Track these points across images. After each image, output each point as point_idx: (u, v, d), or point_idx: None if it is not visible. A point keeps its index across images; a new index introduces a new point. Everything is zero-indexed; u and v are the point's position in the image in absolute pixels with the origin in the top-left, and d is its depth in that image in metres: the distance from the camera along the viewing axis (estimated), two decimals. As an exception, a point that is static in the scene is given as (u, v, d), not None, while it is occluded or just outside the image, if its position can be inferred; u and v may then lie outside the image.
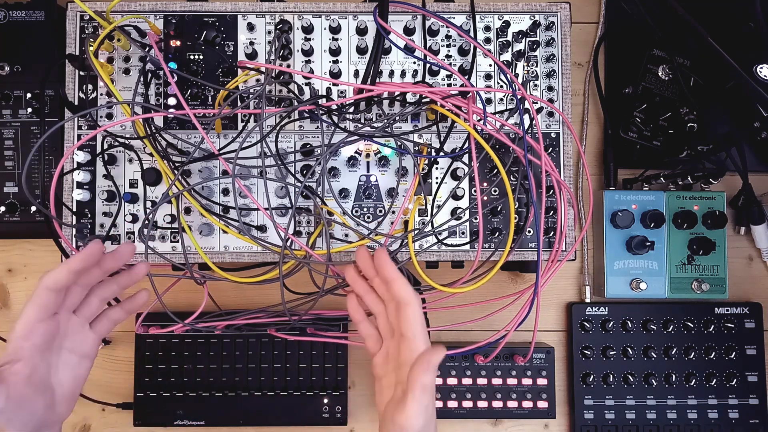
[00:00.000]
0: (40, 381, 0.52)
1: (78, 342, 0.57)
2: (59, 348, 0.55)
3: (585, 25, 0.87)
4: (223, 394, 0.78)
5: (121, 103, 0.62)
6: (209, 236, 0.65)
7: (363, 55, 0.66)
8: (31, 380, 0.51)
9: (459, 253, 0.66)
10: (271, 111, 0.61)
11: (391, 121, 0.64)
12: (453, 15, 0.66)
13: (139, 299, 0.61)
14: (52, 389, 0.54)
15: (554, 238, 0.66)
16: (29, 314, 0.52)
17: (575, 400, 0.81)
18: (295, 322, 0.69)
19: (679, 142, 0.81)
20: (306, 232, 0.65)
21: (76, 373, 0.56)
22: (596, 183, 0.86)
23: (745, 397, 0.81)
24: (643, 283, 0.79)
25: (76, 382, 0.56)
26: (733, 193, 0.84)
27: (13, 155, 0.76)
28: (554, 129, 0.67)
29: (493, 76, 0.67)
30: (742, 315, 0.82)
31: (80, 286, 0.55)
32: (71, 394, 0.56)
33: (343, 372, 0.79)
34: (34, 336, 0.52)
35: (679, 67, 0.80)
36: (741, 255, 0.86)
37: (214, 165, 0.65)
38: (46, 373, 0.54)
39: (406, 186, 0.65)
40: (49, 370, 0.54)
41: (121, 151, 0.65)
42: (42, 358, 0.53)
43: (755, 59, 0.68)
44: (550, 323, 0.85)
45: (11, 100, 0.76)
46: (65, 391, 0.55)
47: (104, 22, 0.60)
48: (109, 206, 0.65)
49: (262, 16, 0.66)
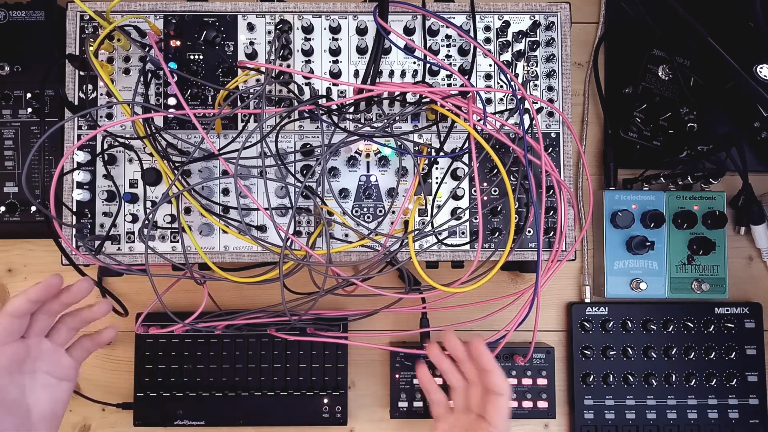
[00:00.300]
0: (10, 401, 0.56)
1: (54, 365, 0.60)
2: (34, 370, 0.59)
3: (585, 25, 0.87)
4: (223, 394, 0.78)
5: (121, 103, 0.62)
6: (209, 236, 0.65)
7: (363, 55, 0.66)
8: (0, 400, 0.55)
9: (459, 253, 0.66)
10: (271, 111, 0.61)
11: (391, 121, 0.64)
12: (453, 15, 0.66)
13: (105, 336, 0.65)
14: (27, 409, 0.57)
15: (554, 238, 0.66)
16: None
17: (575, 400, 0.81)
18: (295, 322, 0.69)
19: (679, 142, 0.81)
20: (306, 232, 0.65)
21: (55, 395, 0.60)
22: (596, 183, 0.86)
23: (745, 397, 0.81)
24: (643, 283, 0.79)
25: (55, 404, 0.60)
26: (733, 193, 0.84)
27: (13, 155, 0.76)
28: (554, 129, 0.68)
29: (493, 76, 0.67)
30: (742, 315, 0.82)
31: (44, 314, 0.59)
32: (51, 415, 0.59)
33: (343, 372, 0.79)
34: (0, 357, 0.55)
35: (679, 67, 0.80)
36: (741, 255, 0.86)
37: (214, 165, 0.65)
38: (19, 394, 0.57)
39: (406, 186, 0.65)
40: (23, 390, 0.57)
41: (121, 151, 0.65)
42: (11, 380, 0.56)
43: (755, 59, 0.68)
44: (550, 323, 0.85)
45: (11, 100, 0.76)
46: (43, 411, 0.58)
47: (104, 22, 0.60)
48: (109, 206, 0.65)
49: (262, 16, 0.66)
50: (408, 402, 0.79)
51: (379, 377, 0.83)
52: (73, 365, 0.62)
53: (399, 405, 0.79)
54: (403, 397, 0.79)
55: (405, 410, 0.79)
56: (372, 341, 0.81)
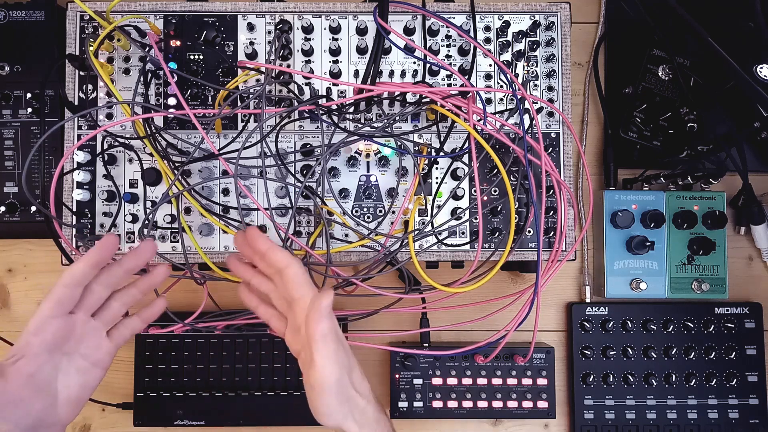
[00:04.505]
0: (42, 382, 0.51)
1: (92, 348, 0.55)
2: (72, 352, 0.53)
3: (585, 25, 0.87)
4: (223, 394, 0.78)
5: (121, 103, 0.62)
6: (209, 236, 0.65)
7: (363, 55, 0.66)
8: (33, 380, 0.50)
9: (459, 253, 0.66)
10: (271, 111, 0.61)
11: (391, 121, 0.64)
12: (453, 15, 0.66)
13: (157, 307, 0.60)
14: (55, 393, 0.52)
15: (554, 238, 0.66)
16: (43, 309, 0.50)
17: (575, 400, 0.81)
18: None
19: (679, 142, 0.81)
20: (306, 232, 0.65)
21: (86, 380, 0.55)
22: (596, 183, 0.86)
23: (745, 397, 0.80)
24: (643, 283, 0.79)
25: (84, 390, 0.55)
26: (733, 193, 0.84)
27: (13, 155, 0.76)
28: (554, 129, 0.67)
29: (493, 76, 0.67)
30: (742, 315, 0.82)
31: (101, 285, 0.54)
32: (77, 400, 0.54)
33: (343, 372, 0.79)
34: (44, 332, 0.50)
35: (679, 67, 0.80)
36: (741, 255, 0.86)
37: (214, 165, 0.65)
38: (51, 375, 0.52)
39: (406, 186, 0.65)
40: (56, 372, 0.52)
41: (121, 151, 0.65)
42: (49, 358, 0.51)
43: (755, 59, 0.68)
44: (550, 323, 0.85)
45: (11, 100, 0.76)
46: (71, 396, 0.53)
47: (104, 22, 0.60)
48: (109, 206, 0.65)
49: (262, 16, 0.66)
50: (408, 402, 0.79)
51: (379, 377, 0.83)
52: (111, 351, 0.57)
53: (399, 405, 0.79)
54: (403, 397, 0.79)
55: (405, 410, 0.79)
56: (372, 341, 0.81)
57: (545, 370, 0.79)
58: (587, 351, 0.81)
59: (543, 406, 0.79)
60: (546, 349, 0.80)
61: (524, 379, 0.79)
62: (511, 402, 0.79)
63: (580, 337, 0.82)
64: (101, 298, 0.55)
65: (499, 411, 0.79)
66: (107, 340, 0.56)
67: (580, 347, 0.81)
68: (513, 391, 0.79)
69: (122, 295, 0.57)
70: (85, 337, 0.54)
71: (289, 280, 0.53)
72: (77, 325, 0.53)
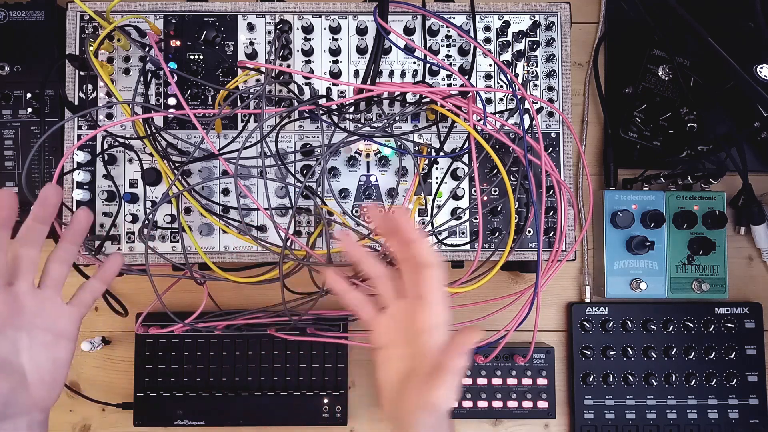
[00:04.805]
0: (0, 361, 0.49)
1: (52, 318, 0.52)
2: (30, 326, 0.51)
3: (585, 25, 0.87)
4: (223, 394, 0.78)
5: (121, 103, 0.62)
6: (209, 236, 0.65)
7: (363, 55, 0.66)
8: None
9: (459, 253, 0.66)
10: (271, 111, 0.61)
11: (391, 121, 0.64)
12: (453, 15, 0.66)
13: (113, 264, 0.57)
14: (22, 371, 0.50)
15: (554, 238, 0.66)
16: None
17: (575, 400, 0.81)
18: (295, 322, 0.69)
19: (679, 142, 0.81)
20: (306, 232, 0.65)
21: (55, 354, 0.52)
22: (596, 183, 0.86)
23: (745, 397, 0.80)
24: (643, 283, 0.79)
25: (56, 366, 0.52)
26: (733, 193, 0.84)
27: (13, 155, 0.76)
28: (554, 129, 0.67)
29: (493, 76, 0.67)
30: (742, 315, 0.82)
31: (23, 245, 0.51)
32: (51, 379, 0.52)
33: (343, 372, 0.79)
34: None
35: (679, 67, 0.80)
36: (741, 255, 0.86)
37: (214, 165, 0.65)
38: (10, 352, 0.50)
39: (406, 186, 0.65)
40: (17, 349, 0.50)
41: (121, 151, 0.65)
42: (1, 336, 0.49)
43: (755, 59, 0.68)
44: (550, 323, 0.85)
45: (11, 100, 0.75)
46: (43, 375, 0.51)
47: (104, 22, 0.60)
48: (109, 206, 0.65)
49: (262, 16, 0.66)
50: (408, 402, 0.78)
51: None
52: (75, 318, 0.54)
53: (399, 405, 0.78)
54: (403, 397, 0.78)
55: (405, 410, 0.78)
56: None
57: (545, 370, 0.79)
58: (587, 351, 0.81)
59: (543, 406, 0.79)
60: (546, 349, 0.80)
61: (524, 379, 0.79)
62: (511, 402, 0.79)
63: (580, 337, 0.82)
64: (33, 261, 0.52)
65: (499, 411, 0.79)
66: (67, 307, 0.54)
67: (580, 347, 0.81)
68: (513, 391, 0.79)
69: (56, 254, 0.54)
70: (39, 309, 0.52)
71: (430, 280, 0.49)
72: (21, 295, 0.51)
